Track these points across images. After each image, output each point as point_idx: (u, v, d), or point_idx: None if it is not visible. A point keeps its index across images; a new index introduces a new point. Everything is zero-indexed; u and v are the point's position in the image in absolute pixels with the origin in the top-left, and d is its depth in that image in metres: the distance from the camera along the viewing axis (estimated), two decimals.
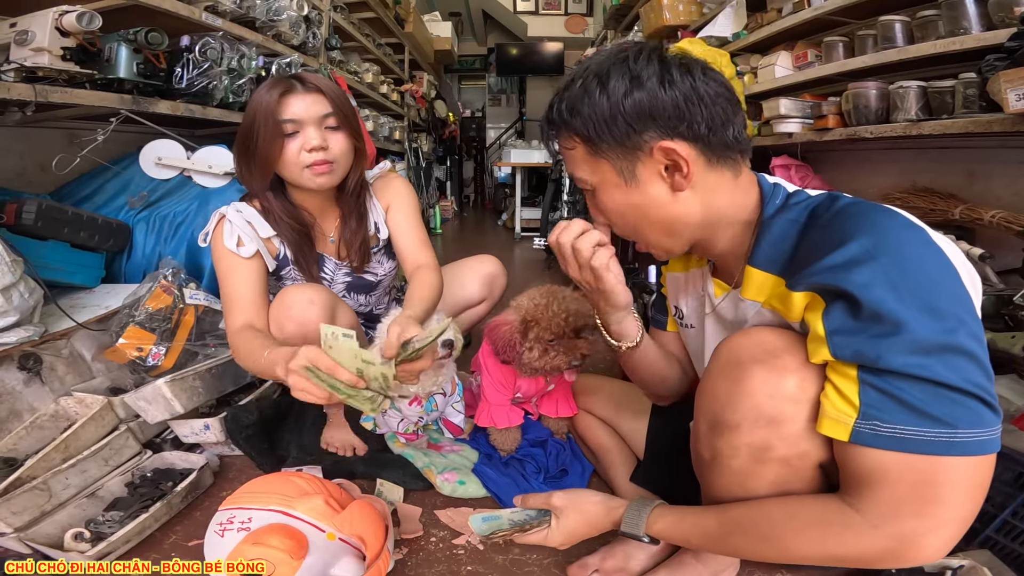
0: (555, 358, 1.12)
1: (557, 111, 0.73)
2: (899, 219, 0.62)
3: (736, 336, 0.72)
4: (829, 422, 0.61)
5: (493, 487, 1.18)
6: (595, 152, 0.71)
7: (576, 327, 1.12)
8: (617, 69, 0.68)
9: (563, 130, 0.74)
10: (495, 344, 1.17)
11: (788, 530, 0.64)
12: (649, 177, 0.70)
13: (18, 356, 1.22)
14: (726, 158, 0.72)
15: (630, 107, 0.67)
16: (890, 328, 0.56)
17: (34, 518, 0.99)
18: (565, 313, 1.11)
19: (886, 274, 0.56)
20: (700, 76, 0.68)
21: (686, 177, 0.69)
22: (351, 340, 0.85)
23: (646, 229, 0.76)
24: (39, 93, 1.28)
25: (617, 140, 0.69)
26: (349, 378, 0.84)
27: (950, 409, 0.55)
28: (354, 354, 0.85)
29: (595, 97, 0.68)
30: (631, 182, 0.71)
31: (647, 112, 0.67)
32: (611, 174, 0.72)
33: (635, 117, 0.67)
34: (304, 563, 0.80)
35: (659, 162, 0.69)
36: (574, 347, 1.12)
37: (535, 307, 1.13)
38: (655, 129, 0.67)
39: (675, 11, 2.83)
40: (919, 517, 0.56)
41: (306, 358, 0.85)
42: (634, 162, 0.70)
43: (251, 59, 1.96)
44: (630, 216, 0.75)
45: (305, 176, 1.15)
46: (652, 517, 0.78)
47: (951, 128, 1.41)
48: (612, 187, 0.73)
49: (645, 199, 0.72)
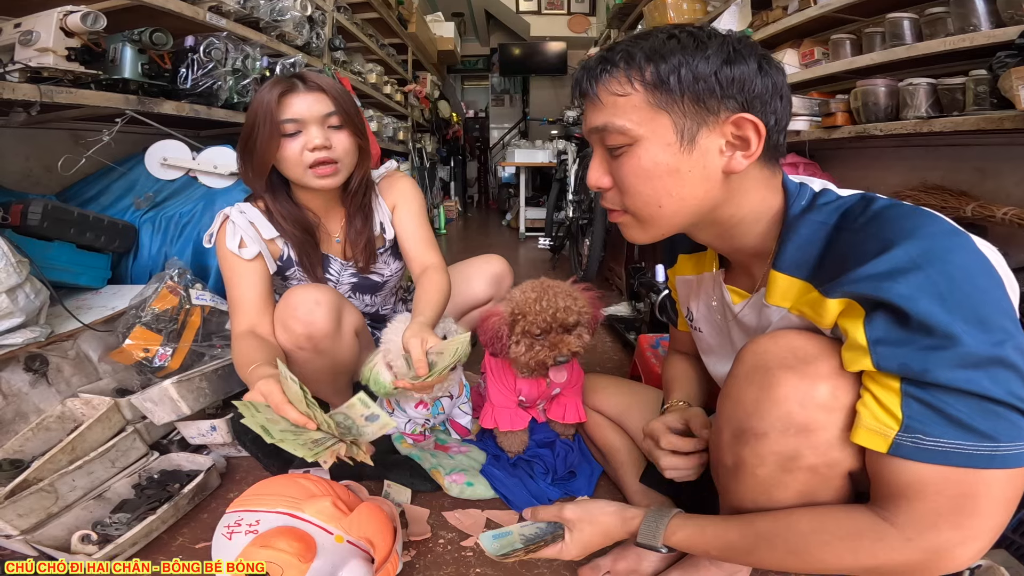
0: (539, 352, 1.12)
1: (625, 52, 0.68)
2: (943, 225, 0.59)
3: (762, 340, 0.69)
4: (866, 432, 0.59)
5: (501, 488, 1.17)
6: (660, 103, 0.67)
7: (565, 323, 1.11)
8: (717, 40, 0.66)
9: (624, 71, 0.68)
10: (484, 335, 1.17)
11: (817, 544, 0.63)
12: (708, 146, 0.67)
13: (24, 357, 1.22)
14: (771, 160, 0.71)
15: (725, 73, 0.65)
16: (940, 341, 0.54)
17: (41, 520, 0.98)
18: (553, 309, 1.10)
19: (934, 285, 0.55)
20: (784, 79, 0.69)
21: (749, 157, 0.67)
22: (296, 386, 0.86)
23: (665, 199, 0.70)
24: (44, 94, 1.28)
25: (697, 97, 0.65)
26: (297, 417, 0.84)
27: (994, 423, 0.53)
28: (300, 398, 0.86)
29: (691, 51, 0.65)
30: (686, 145, 0.67)
31: (740, 83, 0.65)
32: (668, 131, 0.67)
33: (728, 81, 0.65)
34: (312, 566, 0.79)
35: (725, 135, 0.67)
36: (561, 343, 1.11)
37: (524, 300, 1.12)
38: (738, 101, 0.66)
39: (679, 9, 2.82)
40: (956, 529, 0.55)
41: (259, 392, 0.86)
42: (700, 125, 0.66)
43: (255, 59, 1.96)
44: (658, 181, 0.69)
45: (308, 176, 1.14)
46: (670, 528, 0.76)
47: (962, 125, 1.39)
48: (662, 144, 0.68)
49: (691, 166, 0.68)
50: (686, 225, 0.74)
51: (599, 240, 2.75)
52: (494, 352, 1.18)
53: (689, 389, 1.02)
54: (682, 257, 0.96)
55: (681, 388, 1.03)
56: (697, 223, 0.74)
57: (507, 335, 1.14)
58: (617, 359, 1.95)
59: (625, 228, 0.77)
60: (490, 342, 1.16)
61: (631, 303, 2.32)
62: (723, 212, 0.72)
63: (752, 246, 0.76)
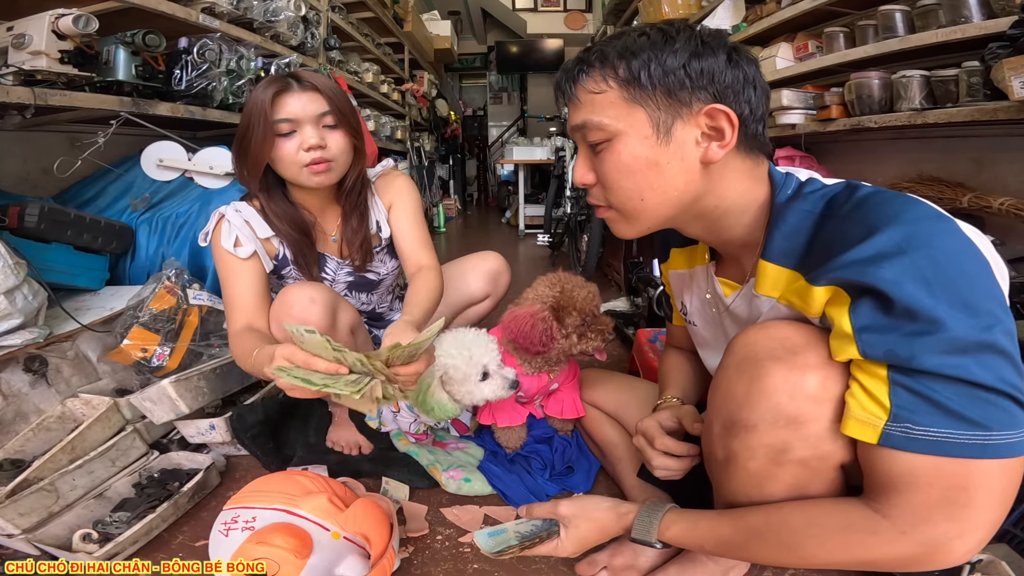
0: (593, 339, 1.14)
1: (599, 52, 0.70)
2: (927, 209, 0.59)
3: (751, 331, 0.69)
4: (855, 423, 0.58)
5: (499, 484, 1.18)
6: (634, 98, 0.68)
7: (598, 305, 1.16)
8: (686, 34, 0.67)
9: (599, 69, 0.69)
10: (526, 338, 1.12)
11: (810, 537, 0.63)
12: (684, 138, 0.68)
13: (23, 358, 1.22)
14: (751, 150, 0.71)
15: (694, 66, 0.66)
16: (925, 326, 0.53)
17: (42, 519, 0.99)
18: (588, 293, 1.12)
19: (919, 269, 0.54)
20: (756, 69, 0.69)
21: (724, 147, 0.67)
22: (315, 335, 0.83)
23: (647, 192, 0.71)
24: (38, 96, 1.28)
25: (668, 90, 0.66)
26: (327, 366, 0.82)
27: (984, 410, 0.53)
28: (323, 345, 0.84)
29: (659, 46, 0.66)
30: (663, 138, 0.68)
31: (710, 75, 0.66)
32: (644, 124, 0.68)
33: (697, 73, 0.66)
34: (308, 562, 0.80)
35: (700, 126, 0.67)
36: (602, 324, 1.14)
37: (561, 294, 1.12)
38: (710, 92, 0.66)
39: (674, 4, 2.82)
40: (951, 521, 0.55)
41: (281, 357, 0.84)
42: (675, 118, 0.67)
43: (250, 60, 1.96)
44: (639, 175, 0.70)
45: (303, 175, 1.15)
46: (664, 523, 0.76)
47: (956, 117, 1.40)
48: (639, 138, 0.68)
49: (668, 159, 0.68)
50: (671, 218, 0.74)
51: (597, 236, 2.76)
52: (537, 351, 1.15)
53: (683, 385, 1.03)
54: (674, 251, 0.97)
55: (675, 384, 1.03)
56: (682, 215, 0.74)
57: (557, 330, 1.12)
58: (615, 354, 1.96)
59: (611, 223, 0.78)
60: (538, 342, 1.12)
61: (629, 298, 2.32)
62: (707, 203, 0.73)
63: (740, 237, 0.76)
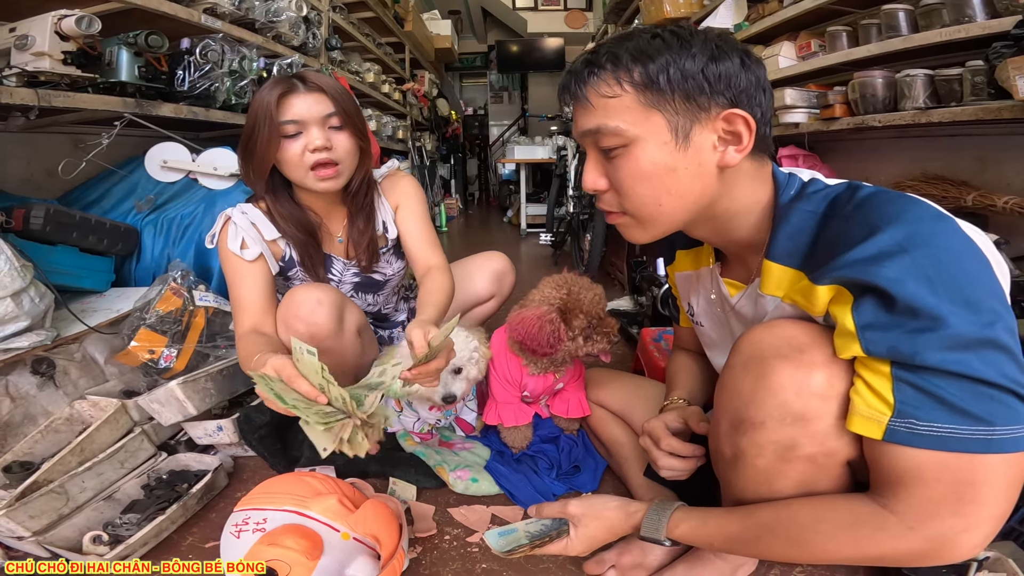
0: (599, 342, 1.14)
1: (610, 54, 0.68)
2: (928, 209, 0.60)
3: (757, 330, 0.69)
4: (860, 420, 0.59)
5: (506, 484, 1.18)
6: (651, 102, 0.67)
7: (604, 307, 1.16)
8: (700, 37, 0.67)
9: (612, 72, 0.68)
10: (533, 340, 1.13)
11: (818, 534, 0.63)
12: (702, 143, 0.68)
13: (31, 361, 1.22)
14: (760, 151, 0.71)
15: (712, 70, 0.65)
16: (927, 323, 0.54)
17: (52, 521, 0.99)
18: (595, 295, 1.12)
19: (920, 267, 0.55)
20: (764, 72, 0.70)
21: (741, 151, 0.67)
22: (314, 358, 0.85)
23: (665, 198, 0.70)
24: (42, 98, 1.28)
25: (687, 95, 0.66)
26: (308, 390, 0.83)
27: (987, 405, 0.53)
28: (315, 370, 0.85)
29: (676, 49, 0.66)
30: (681, 143, 0.67)
31: (727, 79, 0.66)
32: (662, 130, 0.67)
33: (715, 77, 0.65)
34: (319, 563, 0.80)
35: (716, 131, 0.67)
36: (608, 326, 1.14)
37: (568, 295, 1.12)
38: (727, 96, 0.66)
39: (676, 3, 2.81)
40: (957, 517, 0.55)
41: (272, 367, 0.85)
42: (693, 122, 0.67)
43: (252, 60, 1.96)
44: (656, 181, 0.69)
45: (309, 179, 1.14)
46: (673, 521, 0.77)
47: (960, 116, 1.40)
48: (658, 144, 0.68)
49: (687, 164, 0.68)
50: (685, 222, 0.75)
51: (600, 235, 2.76)
52: (544, 353, 1.15)
53: (690, 386, 1.03)
54: (680, 253, 0.97)
55: (682, 385, 1.04)
56: (695, 219, 0.75)
57: (565, 332, 1.12)
58: (620, 353, 1.96)
59: (624, 229, 0.77)
60: (546, 344, 1.12)
61: (633, 297, 2.33)
62: (719, 207, 0.73)
63: (746, 238, 0.76)
